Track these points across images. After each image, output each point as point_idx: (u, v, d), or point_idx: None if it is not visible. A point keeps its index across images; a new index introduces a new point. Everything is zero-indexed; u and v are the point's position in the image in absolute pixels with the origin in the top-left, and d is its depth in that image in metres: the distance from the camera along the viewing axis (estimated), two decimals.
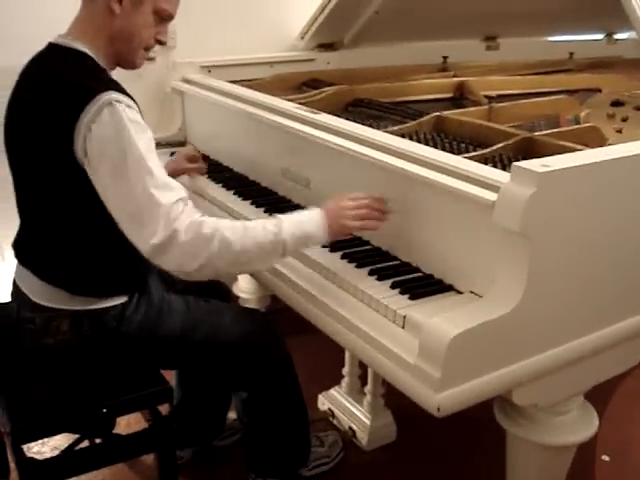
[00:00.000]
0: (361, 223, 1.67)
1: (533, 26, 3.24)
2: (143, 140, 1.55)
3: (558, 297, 1.50)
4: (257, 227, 1.59)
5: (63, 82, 1.59)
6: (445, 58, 3.16)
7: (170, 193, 1.53)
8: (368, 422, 2.37)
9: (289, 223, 1.61)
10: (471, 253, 1.55)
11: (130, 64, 1.73)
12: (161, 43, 1.74)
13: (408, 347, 1.42)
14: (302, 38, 2.97)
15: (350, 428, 2.40)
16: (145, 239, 1.51)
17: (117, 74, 1.70)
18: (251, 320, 1.92)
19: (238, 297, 3.01)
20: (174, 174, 2.13)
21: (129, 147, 1.52)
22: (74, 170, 1.57)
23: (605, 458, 2.38)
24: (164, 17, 1.70)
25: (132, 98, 1.61)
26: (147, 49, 1.73)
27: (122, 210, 1.55)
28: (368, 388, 2.36)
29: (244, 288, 3.03)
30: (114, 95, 1.54)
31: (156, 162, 1.55)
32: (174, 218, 1.51)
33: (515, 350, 1.45)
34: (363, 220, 1.67)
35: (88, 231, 1.64)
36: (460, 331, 1.33)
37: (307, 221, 1.63)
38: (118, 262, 1.71)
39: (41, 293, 1.71)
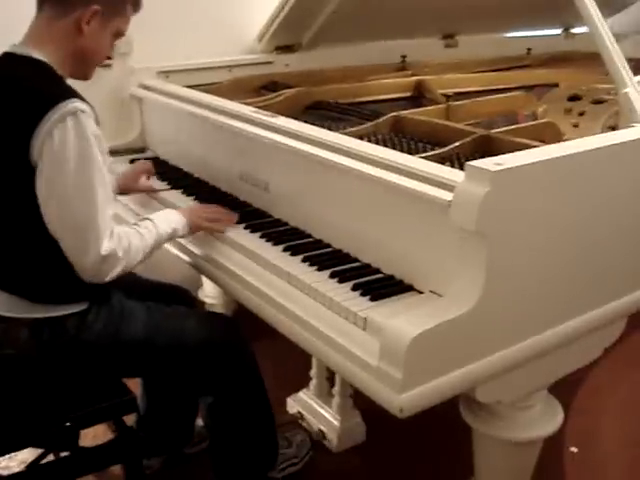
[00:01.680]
0: (211, 224, 1.93)
1: (491, 22, 3.24)
2: (101, 155, 1.61)
3: (518, 294, 1.50)
4: (146, 230, 1.75)
5: (23, 88, 1.60)
6: (404, 57, 3.16)
7: (111, 209, 1.64)
8: (337, 423, 2.37)
9: (161, 223, 1.80)
10: (430, 253, 1.55)
11: (83, 77, 1.77)
12: (109, 58, 1.83)
13: (369, 349, 1.41)
14: (260, 41, 2.95)
15: (320, 430, 2.40)
16: (90, 249, 1.58)
17: (73, 81, 1.72)
18: (214, 323, 1.92)
19: (204, 303, 2.99)
20: (123, 191, 2.17)
21: (89, 160, 1.57)
22: (29, 177, 1.57)
23: (573, 449, 2.40)
24: (118, 37, 1.77)
25: (91, 106, 1.62)
26: (100, 63, 1.78)
27: (66, 219, 1.59)
28: (336, 389, 2.36)
29: (209, 293, 3.02)
30: (78, 104, 1.56)
31: (108, 176, 1.64)
32: (111, 232, 1.61)
33: (476, 348, 1.45)
34: (213, 221, 1.94)
35: (44, 237, 1.62)
36: (420, 332, 1.32)
37: (173, 220, 1.85)
38: None
39: (0, 303, 1.70)
